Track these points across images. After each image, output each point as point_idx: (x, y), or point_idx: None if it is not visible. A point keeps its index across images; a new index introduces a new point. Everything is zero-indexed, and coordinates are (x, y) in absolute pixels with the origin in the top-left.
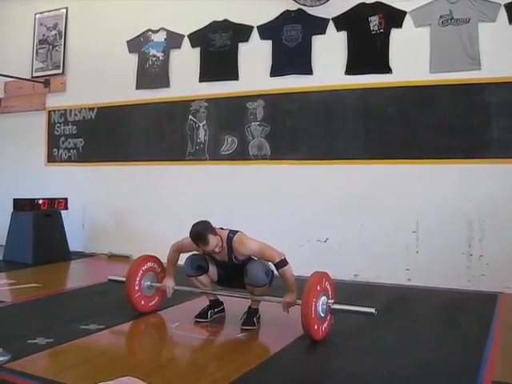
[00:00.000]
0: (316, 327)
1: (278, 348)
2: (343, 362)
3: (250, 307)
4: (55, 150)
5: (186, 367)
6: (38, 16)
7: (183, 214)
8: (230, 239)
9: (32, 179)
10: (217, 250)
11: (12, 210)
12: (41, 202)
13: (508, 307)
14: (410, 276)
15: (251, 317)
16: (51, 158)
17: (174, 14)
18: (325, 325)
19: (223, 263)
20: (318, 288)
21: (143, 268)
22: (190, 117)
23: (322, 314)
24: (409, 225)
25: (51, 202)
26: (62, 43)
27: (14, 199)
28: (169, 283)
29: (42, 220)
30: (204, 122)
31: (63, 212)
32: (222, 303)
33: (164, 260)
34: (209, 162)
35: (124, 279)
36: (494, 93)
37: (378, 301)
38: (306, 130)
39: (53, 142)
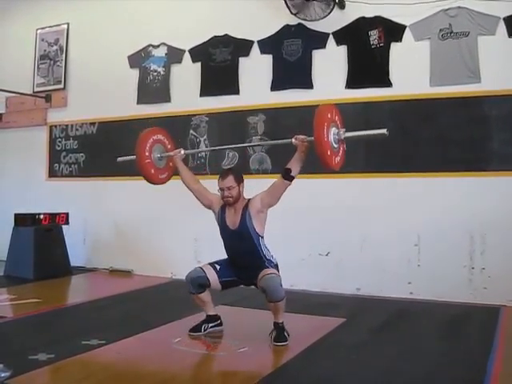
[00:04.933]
0: (329, 153)
1: (281, 362)
2: (346, 375)
3: (275, 323)
4: (56, 164)
5: (187, 383)
6: (39, 31)
7: (185, 229)
8: (248, 200)
9: (33, 194)
10: (227, 194)
11: (13, 225)
12: (42, 216)
13: (511, 320)
14: (411, 289)
15: (281, 332)
16: (52, 173)
17: (174, 29)
18: (338, 158)
19: (231, 233)
20: (329, 116)
21: (153, 137)
22: (191, 131)
23: (335, 145)
24: (410, 238)
25: (52, 216)
26: (63, 58)
27: (15, 214)
28: (178, 150)
29: (42, 235)
30: (205, 136)
31: (64, 227)
32: (218, 318)
33: None
34: (210, 177)
35: (133, 157)
36: (494, 106)
37: (380, 315)
38: None
39: (54, 156)
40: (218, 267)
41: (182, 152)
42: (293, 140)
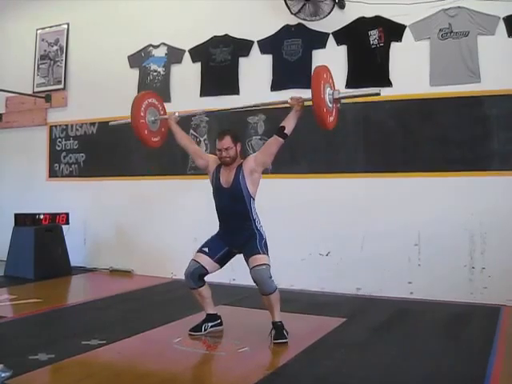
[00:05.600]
0: (325, 110)
1: (281, 362)
2: (346, 375)
3: (274, 322)
4: (56, 165)
5: (188, 382)
6: (39, 32)
7: (185, 229)
8: (243, 160)
9: (33, 194)
10: (225, 154)
11: (13, 225)
12: (42, 217)
13: (511, 320)
14: (412, 289)
15: (280, 330)
16: (52, 173)
17: (174, 29)
18: (332, 118)
19: (224, 191)
20: (325, 76)
21: (148, 100)
22: (191, 131)
23: (330, 104)
24: (410, 238)
25: (52, 217)
26: (64, 58)
27: (16, 214)
28: (172, 112)
29: (43, 235)
30: (205, 136)
31: (64, 227)
32: (218, 318)
33: None
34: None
35: (127, 120)
36: (494, 105)
37: (380, 314)
38: (307, 144)
39: (54, 157)
40: (206, 250)
41: (177, 114)
42: (288, 100)
